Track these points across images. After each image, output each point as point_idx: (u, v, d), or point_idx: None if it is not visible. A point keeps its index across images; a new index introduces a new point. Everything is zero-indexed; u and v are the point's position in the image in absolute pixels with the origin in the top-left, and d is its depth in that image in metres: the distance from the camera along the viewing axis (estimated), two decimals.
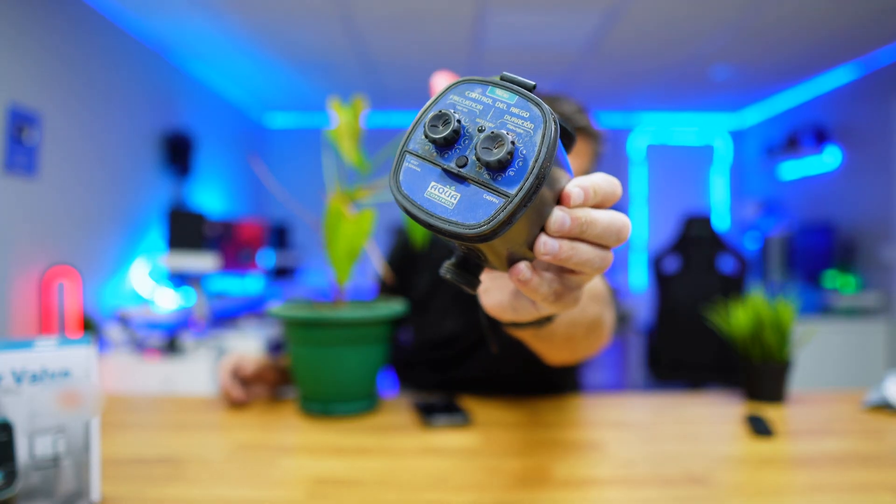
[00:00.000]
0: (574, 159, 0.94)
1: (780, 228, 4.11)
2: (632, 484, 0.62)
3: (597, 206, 0.36)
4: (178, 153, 3.39)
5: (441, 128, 0.32)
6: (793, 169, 4.34)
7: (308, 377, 0.86)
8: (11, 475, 0.49)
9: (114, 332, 2.59)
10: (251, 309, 3.65)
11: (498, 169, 0.31)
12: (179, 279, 3.13)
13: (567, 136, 0.40)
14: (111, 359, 2.45)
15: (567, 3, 2.74)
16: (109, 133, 2.86)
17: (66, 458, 0.53)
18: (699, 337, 2.79)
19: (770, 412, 0.88)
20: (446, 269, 0.37)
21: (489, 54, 3.47)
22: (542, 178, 0.31)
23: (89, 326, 2.52)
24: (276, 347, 3.35)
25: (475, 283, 0.37)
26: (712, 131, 5.22)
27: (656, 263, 2.97)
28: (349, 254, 0.83)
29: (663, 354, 2.92)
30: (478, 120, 0.33)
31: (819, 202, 4.03)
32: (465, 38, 3.21)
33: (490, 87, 0.34)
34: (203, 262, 2.82)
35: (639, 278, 5.16)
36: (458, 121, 0.33)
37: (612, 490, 0.61)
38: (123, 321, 2.64)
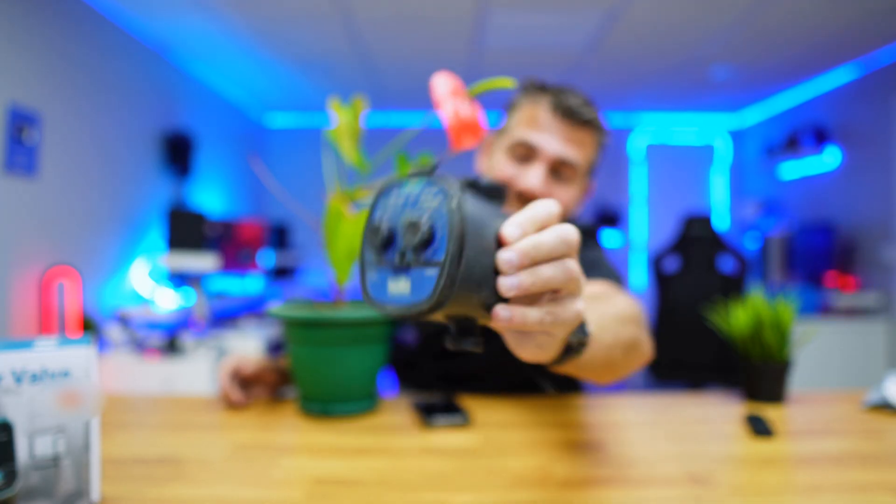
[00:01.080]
0: (580, 150, 0.96)
1: (780, 228, 4.11)
2: (632, 484, 0.62)
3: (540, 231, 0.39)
4: (178, 153, 3.39)
5: (376, 237, 0.37)
6: (793, 169, 4.34)
7: (308, 377, 0.86)
8: (11, 475, 0.49)
9: (114, 332, 2.59)
10: (251, 309, 3.65)
11: (425, 248, 0.35)
12: (179, 279, 3.13)
13: (491, 190, 0.43)
14: (111, 359, 2.45)
15: (567, 4, 2.74)
16: (109, 133, 2.86)
17: (66, 458, 0.53)
18: (699, 337, 2.79)
19: (770, 412, 0.88)
20: (449, 342, 0.40)
21: (489, 55, 3.47)
22: (461, 238, 0.35)
23: (89, 326, 2.52)
24: (275, 348, 3.35)
25: (479, 342, 0.40)
26: (712, 131, 5.22)
27: (656, 263, 2.97)
28: (349, 254, 0.83)
29: (663, 354, 2.91)
30: (403, 216, 0.37)
31: (819, 202, 4.03)
32: (465, 38, 3.21)
33: (403, 185, 0.39)
34: (203, 262, 2.82)
35: (639, 278, 5.16)
36: (388, 227, 0.37)
37: (612, 490, 0.61)
38: (123, 321, 2.64)
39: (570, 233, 0.38)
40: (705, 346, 2.80)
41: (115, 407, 0.91)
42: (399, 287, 0.36)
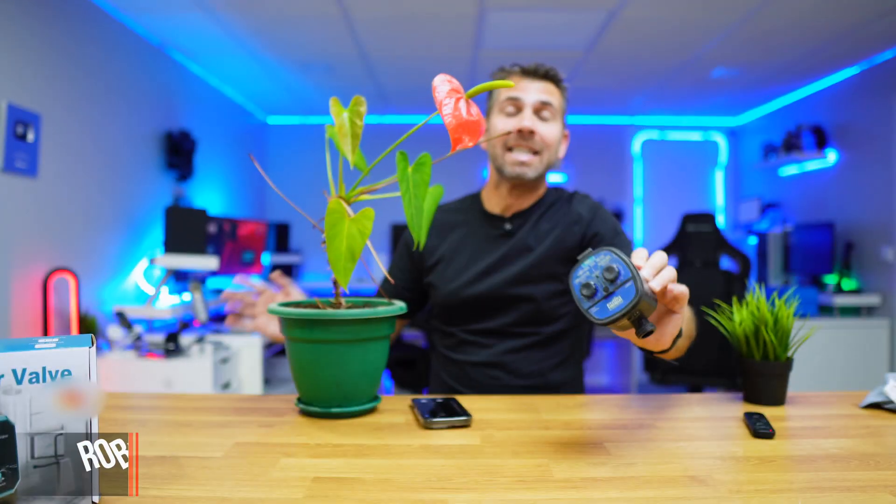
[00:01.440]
0: (552, 95, 1.24)
1: (780, 228, 4.11)
2: (632, 484, 0.62)
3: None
4: (178, 153, 3.39)
5: (589, 289, 0.65)
6: (792, 169, 4.34)
7: (308, 377, 0.86)
8: (11, 475, 0.49)
9: (114, 332, 2.59)
10: None
11: (617, 279, 0.64)
12: (179, 279, 3.13)
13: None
14: (111, 359, 2.45)
15: (567, 4, 2.74)
16: (110, 133, 2.86)
17: (66, 458, 0.53)
18: (699, 337, 2.78)
19: (770, 412, 0.88)
20: (639, 332, 0.65)
21: (489, 55, 3.47)
22: (632, 265, 0.64)
23: (89, 326, 2.52)
24: (275, 347, 3.35)
25: (653, 327, 0.65)
26: (712, 131, 5.22)
27: None
28: (349, 254, 0.83)
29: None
30: (595, 271, 0.65)
31: (819, 202, 4.03)
32: (465, 38, 3.21)
33: (582, 262, 0.66)
34: (203, 262, 2.82)
35: None
36: (592, 282, 0.65)
37: (612, 490, 0.61)
38: (123, 321, 2.64)
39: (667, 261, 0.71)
40: (705, 346, 2.80)
41: (115, 407, 0.91)
42: (615, 303, 0.63)
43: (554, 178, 4.98)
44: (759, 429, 0.78)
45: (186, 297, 3.07)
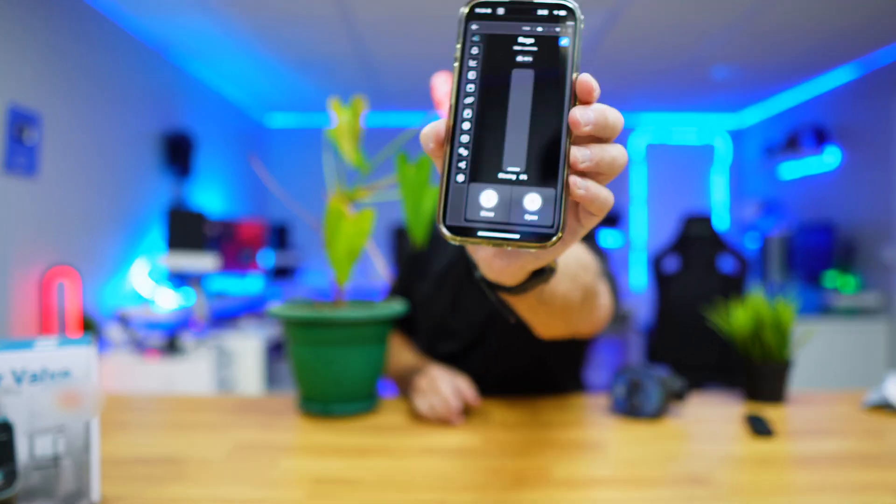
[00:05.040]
0: None
1: (780, 228, 4.11)
2: (632, 484, 0.62)
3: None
4: (178, 153, 3.39)
5: None
6: (793, 169, 4.34)
7: (308, 377, 0.86)
8: (11, 475, 0.49)
9: (114, 332, 2.59)
10: (251, 309, 3.65)
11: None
12: (179, 279, 3.13)
13: None
14: (111, 359, 2.45)
15: None
16: (110, 133, 2.86)
17: (66, 458, 0.53)
18: (699, 337, 2.79)
19: (770, 412, 0.88)
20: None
21: None
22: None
23: (89, 326, 2.52)
24: (275, 348, 3.35)
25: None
26: (712, 131, 5.22)
27: (656, 263, 2.97)
28: (349, 254, 0.83)
29: (663, 355, 2.91)
30: None
31: (819, 202, 4.03)
32: None
33: None
34: (203, 262, 2.82)
35: (639, 278, 5.16)
36: None
37: (612, 490, 0.61)
38: (123, 321, 2.64)
39: (618, 117, 0.39)
40: (705, 346, 2.80)
41: (115, 407, 0.91)
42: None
43: None
44: (759, 429, 0.78)
45: (187, 297, 3.07)
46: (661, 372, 0.86)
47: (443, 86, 0.75)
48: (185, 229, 2.88)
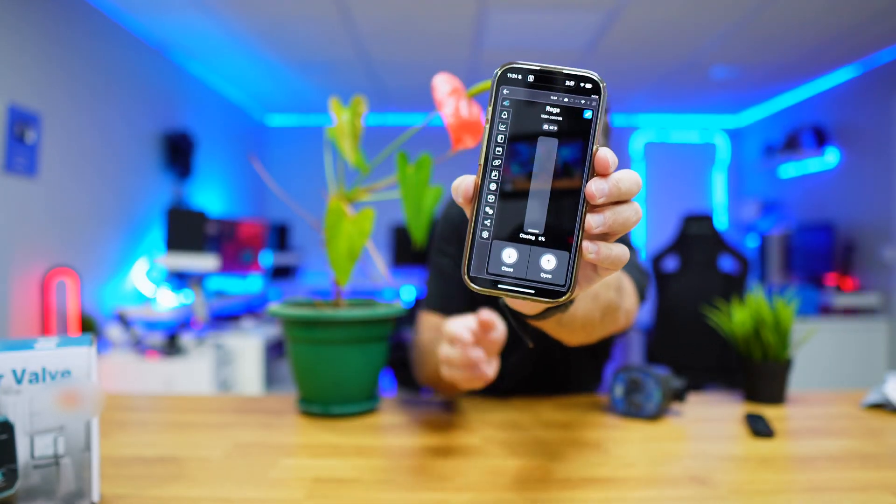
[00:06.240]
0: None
1: (780, 228, 4.11)
2: (632, 484, 0.62)
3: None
4: (178, 153, 3.39)
5: None
6: (792, 169, 4.34)
7: (308, 377, 0.86)
8: (12, 475, 0.49)
9: (114, 332, 2.59)
10: (251, 309, 3.65)
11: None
12: (179, 279, 3.13)
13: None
14: (111, 359, 2.45)
15: (567, 3, 2.74)
16: (109, 133, 2.86)
17: (66, 458, 0.53)
18: (699, 337, 2.79)
19: (770, 412, 0.88)
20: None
21: (489, 54, 3.47)
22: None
23: (89, 326, 2.52)
24: (275, 347, 3.35)
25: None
26: (712, 131, 5.22)
27: (656, 263, 2.97)
28: (349, 254, 0.83)
29: (662, 355, 2.91)
30: None
31: (819, 202, 4.03)
32: (465, 38, 3.21)
33: None
34: (203, 261, 2.82)
35: None
36: None
37: (612, 490, 0.61)
38: (123, 321, 2.64)
39: (637, 181, 0.40)
40: (705, 346, 2.80)
41: (115, 407, 0.91)
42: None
43: None
44: (760, 429, 0.78)
45: (187, 297, 3.07)
46: (661, 372, 0.86)
47: (443, 86, 0.75)
48: (185, 229, 2.88)
